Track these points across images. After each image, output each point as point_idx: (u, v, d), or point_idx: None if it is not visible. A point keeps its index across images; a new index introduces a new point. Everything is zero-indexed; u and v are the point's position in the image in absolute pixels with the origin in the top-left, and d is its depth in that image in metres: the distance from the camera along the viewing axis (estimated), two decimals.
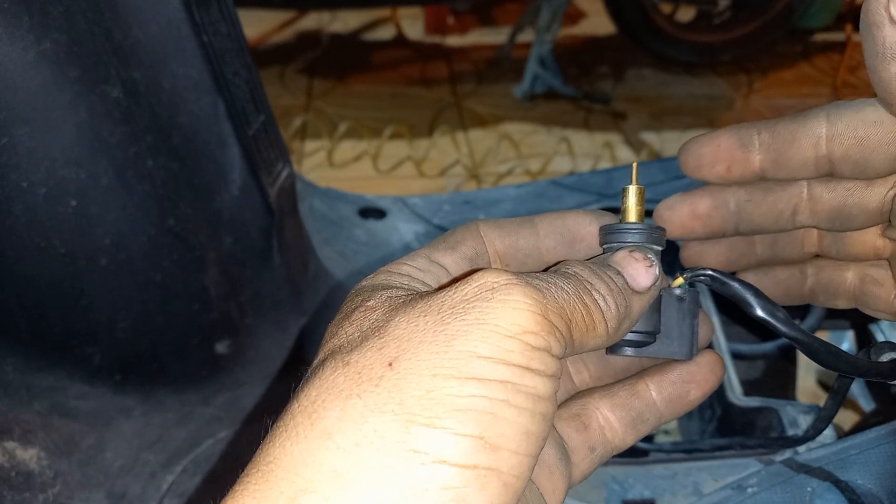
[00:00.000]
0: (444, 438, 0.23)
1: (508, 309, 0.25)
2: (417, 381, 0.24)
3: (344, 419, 0.24)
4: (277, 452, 0.24)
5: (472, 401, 0.24)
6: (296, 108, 2.61)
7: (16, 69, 0.53)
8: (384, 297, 0.28)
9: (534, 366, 0.25)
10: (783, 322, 0.33)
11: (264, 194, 0.76)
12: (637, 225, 0.34)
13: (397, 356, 0.25)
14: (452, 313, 0.26)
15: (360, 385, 0.24)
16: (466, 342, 0.25)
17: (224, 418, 0.71)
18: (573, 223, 0.36)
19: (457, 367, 0.24)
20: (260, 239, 0.77)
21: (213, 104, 0.69)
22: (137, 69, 0.62)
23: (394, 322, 0.26)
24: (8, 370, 0.64)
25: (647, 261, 0.32)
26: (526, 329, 0.25)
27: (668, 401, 0.36)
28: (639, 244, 0.34)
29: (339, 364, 0.26)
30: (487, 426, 0.24)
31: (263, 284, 0.78)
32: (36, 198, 0.57)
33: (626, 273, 0.31)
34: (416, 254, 0.33)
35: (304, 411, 0.25)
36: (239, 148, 0.72)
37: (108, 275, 0.63)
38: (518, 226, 0.36)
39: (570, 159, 2.25)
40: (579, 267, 0.30)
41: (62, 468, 0.62)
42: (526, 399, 0.25)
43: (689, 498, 0.61)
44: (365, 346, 0.26)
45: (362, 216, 1.00)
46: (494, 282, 0.26)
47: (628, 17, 2.66)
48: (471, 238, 0.35)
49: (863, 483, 0.54)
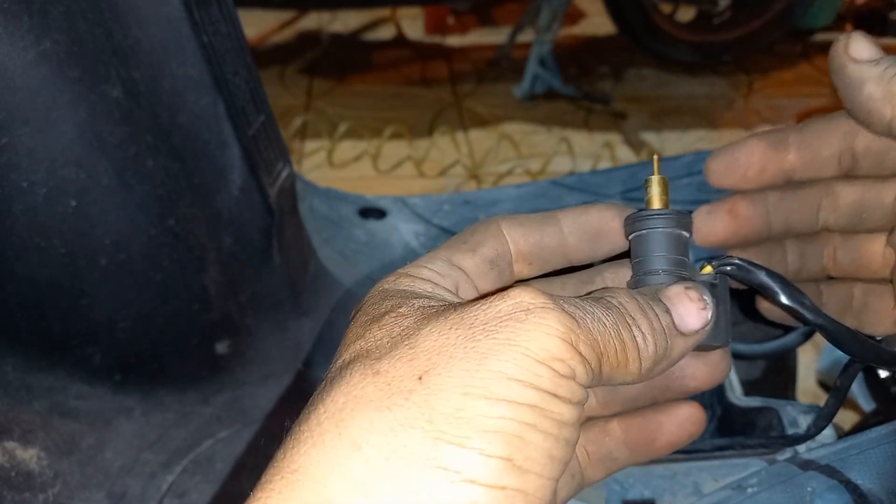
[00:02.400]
0: (473, 458, 0.23)
1: (541, 333, 0.25)
2: (448, 399, 0.24)
3: (373, 431, 0.24)
4: (303, 460, 0.24)
5: (502, 423, 0.24)
6: (296, 108, 2.61)
7: (16, 69, 0.53)
8: (416, 306, 0.28)
9: (561, 393, 0.25)
10: (810, 310, 0.34)
11: (264, 194, 0.76)
12: (664, 211, 0.34)
13: (427, 370, 0.25)
14: (484, 330, 0.25)
15: (391, 397, 0.24)
16: (497, 362, 0.24)
17: (224, 418, 0.71)
18: (597, 218, 0.35)
19: (487, 387, 0.24)
20: (260, 239, 0.77)
21: (213, 104, 0.69)
22: (137, 69, 0.62)
23: (424, 332, 0.26)
24: (8, 370, 0.64)
25: (702, 302, 0.31)
26: (555, 356, 0.25)
27: (634, 444, 0.36)
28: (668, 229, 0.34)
29: (368, 371, 0.25)
30: (515, 449, 0.24)
31: (263, 284, 0.78)
32: (36, 198, 0.57)
33: (676, 312, 0.30)
34: (436, 256, 0.33)
35: (331, 418, 0.24)
36: (239, 148, 0.72)
37: (108, 275, 0.63)
38: (541, 223, 0.35)
39: (570, 159, 2.25)
40: (626, 298, 0.29)
41: (62, 468, 0.62)
42: (552, 424, 0.25)
43: (689, 498, 0.61)
44: (395, 354, 0.26)
45: (362, 216, 1.00)
46: (531, 303, 0.26)
47: (628, 17, 2.66)
48: (491, 238, 0.34)
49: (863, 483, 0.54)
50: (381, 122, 2.37)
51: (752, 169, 0.37)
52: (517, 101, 2.67)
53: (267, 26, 3.15)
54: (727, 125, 2.52)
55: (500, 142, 2.32)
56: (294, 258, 0.83)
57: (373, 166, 2.20)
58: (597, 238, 0.35)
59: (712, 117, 2.59)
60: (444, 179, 2.22)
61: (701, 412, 0.36)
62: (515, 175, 2.18)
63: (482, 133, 2.47)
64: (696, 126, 2.52)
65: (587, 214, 0.35)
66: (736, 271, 0.34)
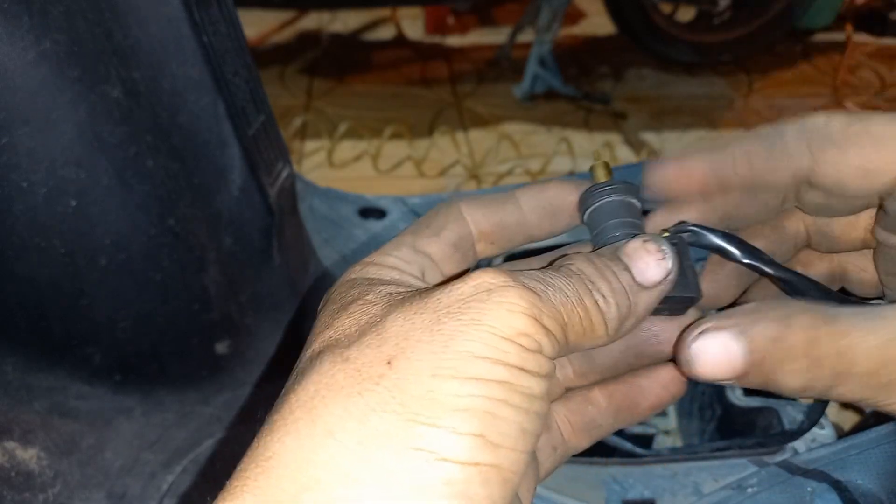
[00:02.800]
0: (446, 437, 0.24)
1: (503, 311, 0.26)
2: (417, 381, 0.24)
3: (346, 417, 0.24)
4: (277, 448, 0.24)
5: (472, 400, 0.24)
6: (296, 108, 2.61)
7: (16, 69, 0.53)
8: (383, 293, 0.28)
9: (528, 367, 0.25)
10: (769, 264, 0.34)
11: (264, 194, 0.76)
12: (610, 182, 0.35)
13: (395, 354, 0.25)
14: (448, 312, 0.26)
15: (361, 383, 0.25)
16: (464, 342, 0.25)
17: (224, 418, 0.71)
18: (555, 195, 0.36)
19: (456, 367, 0.24)
20: (260, 239, 0.77)
21: (213, 104, 0.69)
22: (137, 69, 0.62)
23: (390, 318, 0.26)
24: (8, 370, 0.64)
25: (660, 253, 0.31)
26: (520, 331, 0.26)
27: (619, 409, 0.36)
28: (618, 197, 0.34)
29: (337, 359, 0.26)
30: (487, 425, 0.24)
31: (263, 284, 0.78)
32: (36, 198, 0.57)
33: (636, 267, 0.31)
34: (401, 242, 0.33)
35: (303, 406, 0.25)
36: (239, 148, 0.72)
37: (108, 275, 0.63)
38: (501, 203, 0.35)
39: (570, 159, 2.25)
40: (583, 263, 0.30)
41: (62, 468, 0.62)
42: (522, 398, 0.25)
43: (689, 498, 0.61)
44: (363, 342, 0.26)
45: (362, 216, 1.00)
46: (491, 282, 0.26)
47: (628, 17, 2.66)
48: (453, 221, 0.34)
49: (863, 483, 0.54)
50: (381, 122, 2.37)
51: (692, 193, 0.36)
52: (517, 101, 2.66)
53: (267, 26, 3.15)
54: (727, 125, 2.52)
55: (500, 142, 2.32)
56: (294, 258, 0.83)
57: (373, 166, 2.20)
58: (555, 214, 0.36)
59: (712, 117, 2.59)
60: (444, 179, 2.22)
61: (679, 372, 0.36)
62: (515, 175, 2.18)
63: (482, 133, 2.47)
64: (696, 126, 2.52)
65: (545, 192, 0.36)
66: (692, 236, 0.35)
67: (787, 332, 0.29)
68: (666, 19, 2.73)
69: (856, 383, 0.28)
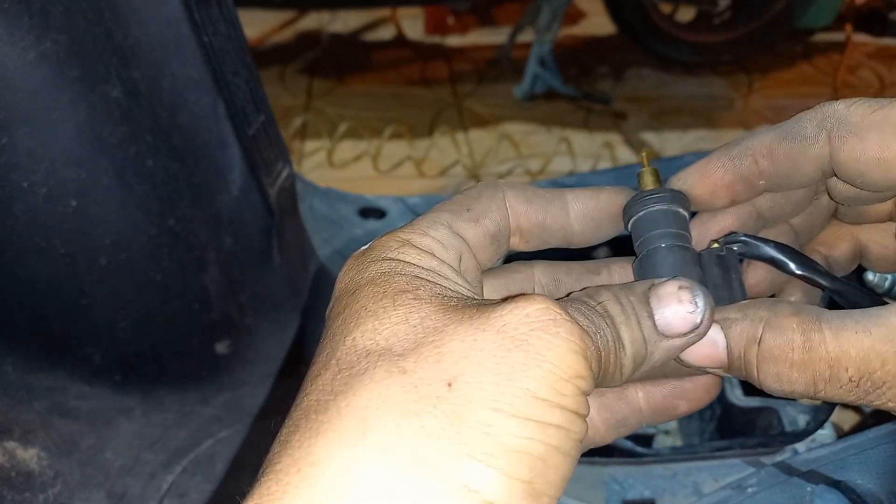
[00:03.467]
0: (494, 479, 0.23)
1: (568, 350, 0.25)
2: (476, 413, 0.23)
3: (398, 436, 0.23)
4: (322, 455, 0.23)
5: (529, 443, 0.23)
6: (296, 108, 2.61)
7: (16, 69, 0.53)
8: (434, 293, 0.27)
9: (581, 410, 0.25)
10: (824, 276, 0.34)
11: (264, 194, 0.76)
12: (659, 190, 0.34)
13: (456, 376, 0.24)
14: (514, 340, 0.25)
15: (418, 402, 0.23)
16: (527, 379, 0.24)
17: (224, 418, 0.71)
18: (607, 204, 0.34)
19: (516, 405, 0.24)
20: (260, 239, 0.77)
21: (213, 104, 0.69)
22: (137, 69, 0.62)
23: (450, 331, 0.25)
24: (8, 370, 0.64)
25: (692, 305, 0.29)
26: (578, 373, 0.25)
27: (655, 410, 0.35)
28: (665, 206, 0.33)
29: (393, 369, 0.24)
30: (538, 473, 0.23)
31: (263, 284, 0.78)
32: (36, 198, 0.57)
33: (661, 315, 0.29)
34: (437, 220, 0.31)
35: (353, 415, 0.24)
36: (239, 148, 0.72)
37: (108, 275, 0.63)
38: (548, 203, 0.34)
39: (570, 159, 2.25)
40: (612, 304, 0.29)
41: (62, 468, 0.62)
42: (573, 445, 0.25)
43: (689, 498, 0.61)
44: (421, 353, 0.25)
45: (362, 216, 1.00)
46: (555, 314, 0.25)
47: (628, 17, 2.66)
48: (495, 209, 0.33)
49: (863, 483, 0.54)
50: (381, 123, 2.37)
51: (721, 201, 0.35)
52: (517, 101, 2.66)
53: (267, 26, 3.15)
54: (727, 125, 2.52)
55: (500, 142, 2.32)
56: (294, 258, 0.83)
57: (373, 166, 2.20)
58: (601, 223, 0.35)
59: (712, 117, 2.59)
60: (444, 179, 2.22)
61: (718, 377, 0.36)
62: (515, 175, 2.17)
63: (482, 133, 2.47)
64: (696, 126, 2.52)
65: (598, 199, 0.34)
66: (743, 247, 0.34)
67: (768, 335, 0.29)
68: (666, 19, 2.73)
69: (845, 386, 0.28)
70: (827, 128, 0.32)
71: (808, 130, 0.32)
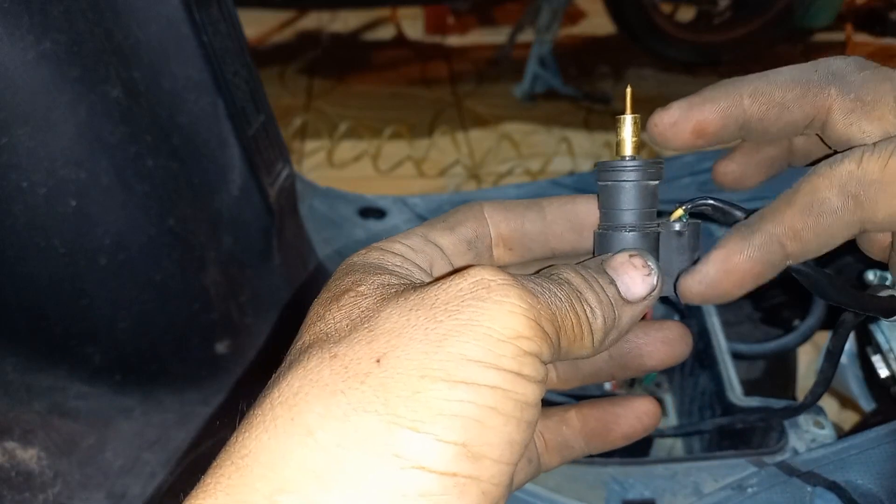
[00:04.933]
0: (426, 444, 0.23)
1: (504, 311, 0.24)
2: (405, 381, 0.23)
3: (327, 416, 0.23)
4: (254, 445, 0.23)
5: (460, 406, 0.23)
6: (296, 108, 2.61)
7: (16, 69, 0.53)
8: (376, 284, 0.27)
9: (525, 371, 0.24)
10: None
11: (264, 194, 0.76)
12: (634, 163, 0.33)
13: (385, 352, 0.24)
14: (446, 310, 0.25)
15: (346, 381, 0.24)
16: (458, 343, 0.24)
17: (224, 418, 0.71)
18: (584, 209, 0.34)
19: (446, 369, 0.23)
20: (260, 239, 0.77)
21: (213, 104, 0.69)
22: (137, 69, 0.62)
23: (384, 314, 0.25)
24: (8, 370, 0.64)
25: (646, 268, 0.30)
26: (520, 333, 0.24)
27: (591, 434, 0.35)
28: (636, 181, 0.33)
29: (325, 355, 0.25)
30: (473, 434, 0.23)
31: (263, 284, 0.78)
32: (36, 198, 0.57)
33: (621, 281, 0.30)
34: (413, 232, 0.32)
35: (284, 403, 0.24)
36: (239, 148, 0.72)
37: (108, 275, 0.63)
38: (525, 209, 0.34)
39: (570, 159, 2.25)
40: (571, 273, 0.29)
41: (62, 468, 0.62)
42: (514, 406, 0.24)
43: (689, 498, 0.61)
44: (353, 337, 0.25)
45: (362, 216, 1.00)
46: (491, 280, 0.25)
47: (628, 17, 2.66)
48: (472, 219, 0.33)
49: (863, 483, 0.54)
50: (381, 123, 2.37)
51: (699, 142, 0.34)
52: (517, 101, 2.67)
53: (267, 26, 3.15)
54: None
55: (500, 142, 2.32)
56: (294, 258, 0.83)
57: (373, 166, 2.20)
58: (582, 229, 0.34)
59: None
60: (444, 179, 2.22)
61: (657, 407, 0.36)
62: (515, 175, 2.18)
63: (482, 133, 2.47)
64: None
65: (574, 204, 0.34)
66: (711, 212, 0.34)
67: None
68: (666, 19, 2.73)
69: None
70: (852, 193, 0.30)
71: (834, 203, 0.31)
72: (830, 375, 0.42)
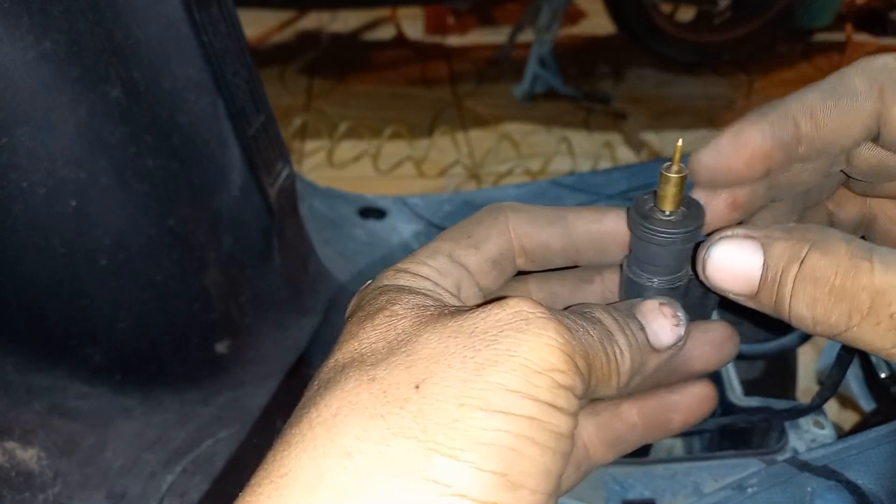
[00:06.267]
0: (465, 472, 0.23)
1: (541, 344, 0.25)
2: (443, 409, 0.23)
3: (365, 440, 0.23)
4: (293, 465, 0.23)
5: (498, 435, 0.23)
6: (296, 108, 2.61)
7: (16, 69, 0.53)
8: (412, 304, 0.27)
9: (559, 403, 0.25)
10: None
11: (264, 194, 0.76)
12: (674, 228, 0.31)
13: (424, 378, 0.24)
14: (484, 339, 0.25)
15: (385, 405, 0.24)
16: (496, 373, 0.24)
17: (224, 418, 0.71)
18: (611, 227, 0.33)
19: (484, 398, 0.24)
20: (260, 239, 0.77)
21: (213, 104, 0.69)
22: (137, 69, 0.62)
23: (423, 339, 0.26)
24: (8, 370, 0.64)
25: (675, 318, 0.31)
26: (555, 367, 0.25)
27: (650, 425, 0.35)
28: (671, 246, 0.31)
29: (363, 377, 0.25)
30: (511, 463, 0.23)
31: (263, 284, 0.78)
32: (36, 198, 0.57)
33: (650, 329, 0.30)
34: (437, 249, 0.32)
35: (323, 424, 0.24)
36: (239, 148, 0.72)
37: (108, 275, 0.63)
38: (549, 223, 0.33)
39: (570, 159, 2.25)
40: (604, 314, 0.29)
41: (62, 468, 0.62)
42: (550, 437, 0.24)
43: (690, 498, 0.61)
44: (392, 361, 0.25)
45: (362, 216, 1.00)
46: (530, 313, 0.26)
47: (628, 17, 2.66)
48: (497, 235, 0.33)
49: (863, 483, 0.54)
50: (381, 123, 2.37)
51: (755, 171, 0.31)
52: (517, 101, 2.67)
53: (267, 26, 3.15)
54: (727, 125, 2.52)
55: (500, 142, 2.32)
56: (294, 258, 0.83)
57: (373, 166, 2.20)
58: (607, 246, 0.34)
59: (712, 117, 2.59)
60: (444, 179, 2.22)
61: (713, 389, 0.35)
62: (515, 175, 2.18)
63: (482, 133, 2.48)
64: (696, 126, 2.52)
65: (600, 222, 0.34)
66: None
67: (814, 254, 0.26)
68: (666, 19, 2.73)
69: (884, 324, 0.26)
70: (879, 82, 0.29)
71: (857, 86, 0.29)
72: (839, 380, 0.42)
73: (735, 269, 0.28)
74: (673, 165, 0.30)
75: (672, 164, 0.30)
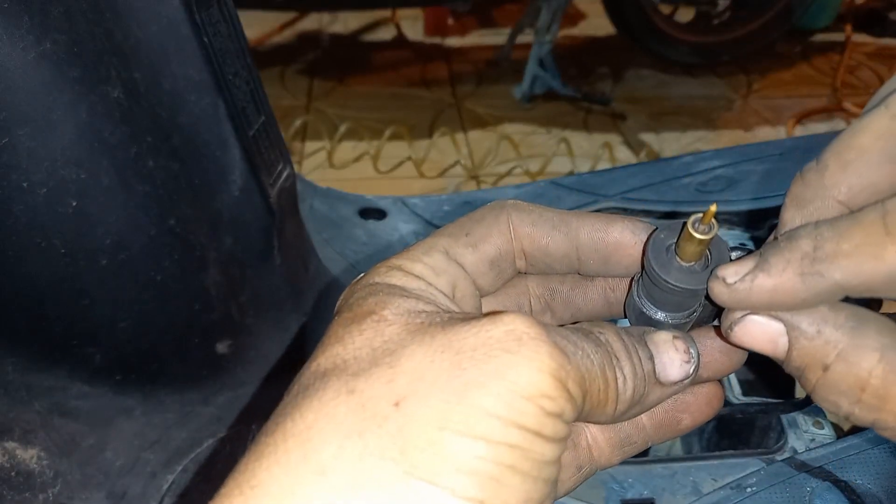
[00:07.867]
0: (442, 498, 0.22)
1: (532, 368, 0.24)
2: (423, 430, 0.23)
3: (340, 458, 0.22)
4: (264, 476, 0.23)
5: (479, 463, 0.22)
6: (296, 108, 2.61)
7: (16, 69, 0.53)
8: (402, 310, 0.26)
9: (545, 431, 0.24)
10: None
11: (265, 195, 0.76)
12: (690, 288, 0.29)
13: (406, 395, 0.23)
14: (472, 358, 0.24)
15: (363, 422, 0.23)
16: (481, 396, 0.23)
17: (224, 418, 0.71)
18: (616, 239, 0.32)
19: (467, 422, 0.23)
20: (260, 239, 0.77)
21: (214, 105, 0.69)
22: (137, 69, 0.62)
23: (408, 351, 0.24)
24: (8, 370, 0.64)
25: (687, 354, 0.29)
26: (544, 392, 0.24)
27: (658, 426, 0.34)
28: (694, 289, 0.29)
29: (342, 388, 0.24)
30: (490, 492, 0.22)
31: (264, 284, 0.78)
32: (36, 198, 0.57)
33: (659, 360, 0.29)
34: (434, 246, 0.30)
35: (297, 436, 0.23)
36: (239, 148, 0.72)
37: (108, 275, 0.63)
38: (553, 228, 0.32)
39: (569, 160, 2.25)
40: (612, 336, 0.28)
41: (62, 468, 0.62)
42: (532, 466, 0.23)
43: (689, 498, 0.61)
44: (373, 373, 0.24)
45: (362, 216, 1.00)
46: (524, 332, 0.24)
47: (628, 17, 2.66)
48: (497, 234, 0.31)
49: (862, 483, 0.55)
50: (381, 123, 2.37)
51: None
52: (517, 102, 2.67)
53: (267, 27, 3.15)
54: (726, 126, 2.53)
55: (499, 142, 2.32)
56: (294, 258, 0.83)
57: (373, 167, 2.20)
58: (610, 257, 0.32)
59: (711, 118, 2.59)
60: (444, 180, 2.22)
61: (721, 388, 0.35)
62: (515, 175, 2.18)
63: (482, 134, 2.48)
64: (695, 127, 2.52)
65: (606, 232, 0.32)
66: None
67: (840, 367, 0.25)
68: (665, 20, 2.73)
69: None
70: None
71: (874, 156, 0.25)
72: None
73: (758, 339, 0.27)
74: (701, 224, 0.28)
75: (701, 222, 0.28)
